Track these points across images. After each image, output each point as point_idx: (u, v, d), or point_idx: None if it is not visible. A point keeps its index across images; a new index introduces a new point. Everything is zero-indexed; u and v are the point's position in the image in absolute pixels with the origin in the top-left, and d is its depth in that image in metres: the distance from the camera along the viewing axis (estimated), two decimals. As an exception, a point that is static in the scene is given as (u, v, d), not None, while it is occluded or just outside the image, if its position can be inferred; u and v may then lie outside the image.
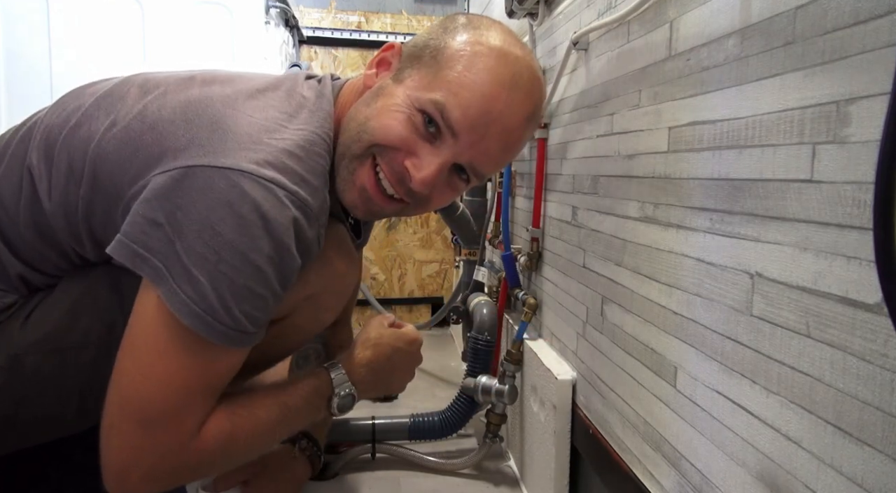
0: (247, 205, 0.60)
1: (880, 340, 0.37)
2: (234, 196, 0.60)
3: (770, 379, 0.47)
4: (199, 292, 0.60)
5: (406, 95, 0.68)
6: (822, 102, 0.42)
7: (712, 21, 0.56)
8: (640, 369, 0.69)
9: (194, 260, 0.59)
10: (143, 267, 0.60)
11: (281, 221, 0.62)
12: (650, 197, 0.67)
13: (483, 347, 1.18)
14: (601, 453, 0.79)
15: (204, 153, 0.62)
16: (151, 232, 0.60)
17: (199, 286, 0.60)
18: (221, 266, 0.60)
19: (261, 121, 0.65)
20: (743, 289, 0.50)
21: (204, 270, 0.59)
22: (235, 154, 0.61)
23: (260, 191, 0.60)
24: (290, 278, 0.66)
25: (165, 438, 0.63)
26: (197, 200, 0.60)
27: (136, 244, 0.60)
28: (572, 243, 0.93)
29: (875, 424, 0.37)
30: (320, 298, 0.81)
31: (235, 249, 0.60)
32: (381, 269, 2.19)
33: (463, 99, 0.66)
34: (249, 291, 0.62)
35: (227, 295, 0.60)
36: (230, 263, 0.60)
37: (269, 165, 0.62)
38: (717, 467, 0.54)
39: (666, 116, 0.64)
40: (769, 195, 0.47)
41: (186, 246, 0.59)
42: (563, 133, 0.99)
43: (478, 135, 0.67)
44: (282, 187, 0.62)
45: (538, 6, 1.06)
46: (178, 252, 0.59)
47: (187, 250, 0.59)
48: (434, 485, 1.13)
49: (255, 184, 0.60)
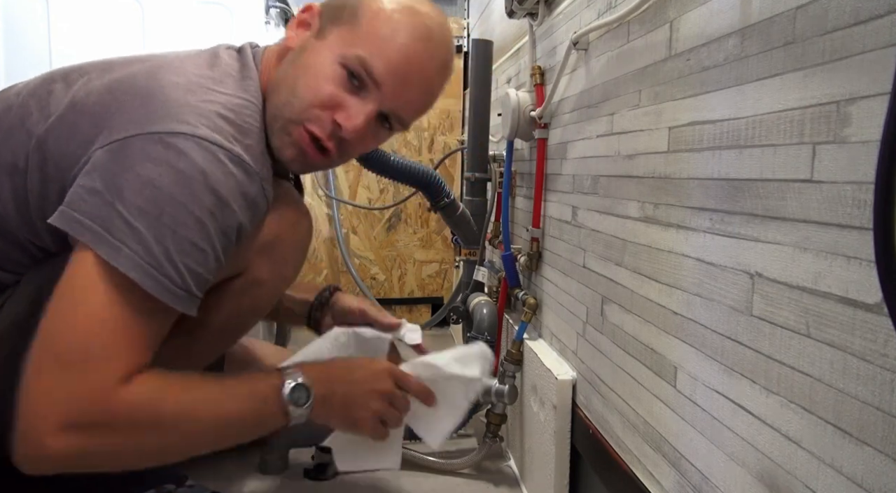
0: (184, 161, 0.62)
1: (880, 340, 0.37)
2: (171, 155, 0.62)
3: (770, 379, 0.47)
4: (144, 245, 0.60)
5: (329, 52, 0.73)
6: (822, 102, 0.42)
7: (712, 21, 0.56)
8: (640, 369, 0.69)
9: (135, 215, 0.60)
10: (82, 232, 0.61)
11: (220, 177, 0.64)
12: (650, 197, 0.67)
13: (483, 347, 1.18)
14: (601, 453, 0.79)
15: (137, 124, 0.64)
16: (90, 198, 0.61)
17: (143, 239, 0.60)
18: (164, 218, 0.61)
19: (187, 85, 0.67)
20: (743, 289, 0.50)
21: (146, 223, 0.60)
22: (167, 119, 0.63)
23: (196, 149, 0.63)
24: (231, 235, 0.67)
25: (85, 381, 0.59)
26: (135, 164, 0.61)
27: (76, 212, 0.61)
28: (572, 243, 0.93)
29: (875, 424, 0.37)
30: (276, 248, 0.80)
31: (176, 201, 0.61)
32: (381, 269, 2.19)
33: (383, 52, 0.72)
34: (192, 245, 0.63)
35: (172, 248, 0.61)
36: (172, 215, 0.61)
37: (203, 126, 0.64)
38: (717, 467, 0.54)
39: (666, 116, 0.64)
40: (769, 195, 0.47)
41: (126, 203, 0.60)
42: (563, 133, 0.99)
43: (400, 84, 0.73)
44: (217, 145, 0.64)
45: (538, 6, 1.06)
46: (119, 211, 0.60)
47: (127, 207, 0.60)
48: (434, 485, 1.13)
49: (191, 143, 0.63)
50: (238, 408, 0.70)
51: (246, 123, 0.69)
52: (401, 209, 2.16)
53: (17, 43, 1.45)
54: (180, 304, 0.63)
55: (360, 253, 2.17)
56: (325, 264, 2.16)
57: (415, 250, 2.20)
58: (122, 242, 0.60)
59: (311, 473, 1.15)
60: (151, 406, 0.63)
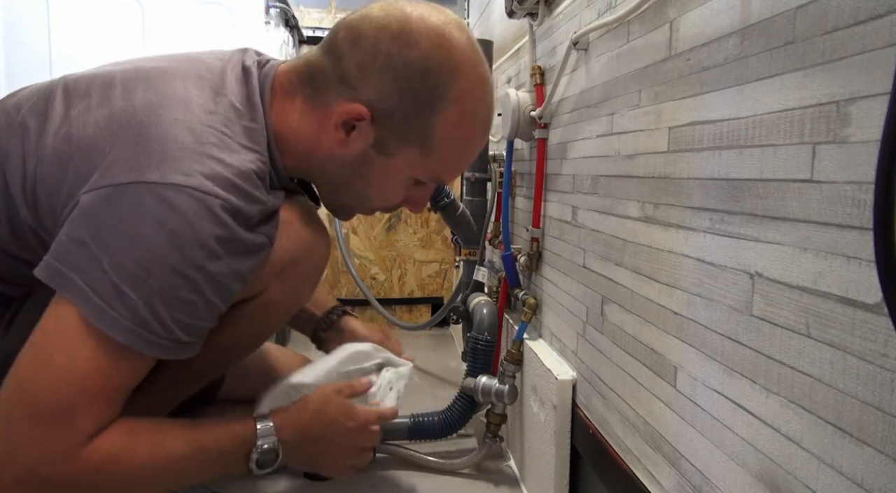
0: (175, 218, 0.60)
1: (880, 340, 0.37)
2: (164, 211, 0.60)
3: (770, 379, 0.47)
4: (130, 308, 0.59)
5: (400, 173, 0.75)
6: (822, 102, 0.42)
7: (712, 21, 0.56)
8: (640, 369, 0.69)
9: (123, 278, 0.59)
10: (66, 287, 0.59)
11: (211, 228, 0.62)
12: (650, 197, 0.67)
13: (483, 347, 1.18)
14: (601, 453, 0.79)
15: (129, 169, 0.61)
16: (76, 251, 0.59)
17: (130, 302, 0.59)
18: (152, 281, 0.60)
19: (188, 125, 0.65)
20: (743, 289, 0.50)
21: (134, 286, 0.59)
22: (161, 167, 0.61)
23: (189, 201, 0.60)
24: (226, 280, 0.65)
25: (53, 436, 0.58)
26: (125, 218, 0.60)
27: (61, 264, 0.60)
28: (572, 243, 0.93)
29: (875, 424, 0.37)
30: (293, 270, 0.79)
31: (166, 263, 0.60)
32: (381, 269, 2.19)
33: (458, 167, 0.79)
34: (181, 300, 0.62)
35: (159, 306, 0.60)
36: (160, 277, 0.60)
37: (198, 173, 0.62)
38: (717, 467, 0.54)
39: (666, 116, 0.64)
40: (769, 195, 0.47)
41: (114, 263, 0.59)
42: (563, 133, 0.99)
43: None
44: (212, 195, 0.62)
45: (538, 6, 1.06)
46: (106, 269, 0.59)
47: (115, 267, 0.59)
48: (434, 485, 1.13)
49: (184, 196, 0.60)
50: (202, 467, 0.69)
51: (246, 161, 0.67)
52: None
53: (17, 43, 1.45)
54: (167, 353, 0.63)
55: (360, 253, 2.17)
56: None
57: (415, 250, 2.20)
58: (108, 304, 0.59)
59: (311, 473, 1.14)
60: (115, 466, 0.62)
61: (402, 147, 0.72)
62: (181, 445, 0.67)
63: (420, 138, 0.71)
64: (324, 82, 0.71)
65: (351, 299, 2.17)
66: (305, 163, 0.75)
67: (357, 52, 0.69)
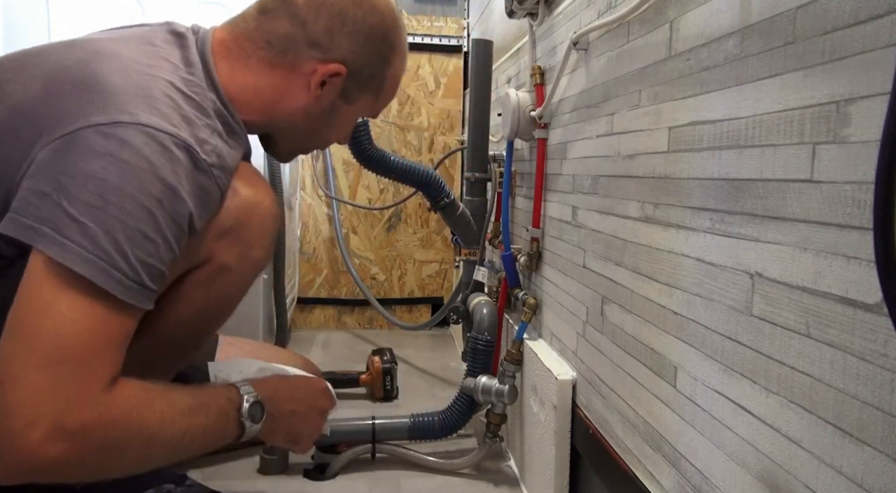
0: (127, 151, 0.61)
1: (880, 340, 0.37)
2: (114, 146, 0.61)
3: (770, 379, 0.47)
4: (91, 238, 0.59)
5: (356, 115, 0.89)
6: (822, 102, 0.42)
7: (712, 21, 0.56)
8: (640, 369, 0.69)
9: (80, 209, 0.59)
10: (34, 237, 0.59)
11: (166, 163, 0.63)
12: (650, 197, 0.67)
13: (483, 347, 1.18)
14: (601, 453, 0.79)
15: (76, 118, 0.62)
16: (39, 203, 0.60)
17: (90, 233, 0.59)
18: (110, 209, 0.60)
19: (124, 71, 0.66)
20: (743, 289, 0.50)
21: (92, 216, 0.59)
22: (107, 109, 0.62)
23: (140, 136, 0.62)
24: (182, 223, 0.66)
25: (73, 381, 0.58)
26: (78, 160, 0.60)
27: (25, 217, 0.60)
28: (572, 243, 0.93)
29: (875, 424, 0.37)
30: (238, 231, 0.79)
31: (122, 191, 0.60)
32: (381, 269, 2.19)
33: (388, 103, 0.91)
34: (142, 235, 0.61)
35: (121, 239, 0.60)
36: (119, 205, 0.60)
37: (145, 112, 0.63)
38: (717, 467, 0.54)
39: (666, 116, 0.64)
40: (769, 195, 0.47)
41: (72, 199, 0.59)
42: (563, 133, 0.99)
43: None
44: (162, 130, 0.63)
45: (538, 6, 1.06)
46: (65, 208, 0.59)
47: (73, 203, 0.59)
48: (434, 485, 1.13)
49: (133, 131, 0.61)
50: (205, 421, 0.70)
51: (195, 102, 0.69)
52: (401, 209, 2.16)
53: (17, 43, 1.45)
54: (134, 297, 0.62)
55: (360, 253, 2.17)
56: (325, 264, 2.16)
57: (415, 250, 2.20)
58: (68, 238, 0.58)
59: (311, 473, 1.15)
60: (139, 414, 0.62)
61: (361, 95, 0.84)
62: (189, 400, 0.68)
63: (376, 86, 0.85)
64: (289, 46, 0.77)
65: (351, 298, 2.17)
66: (265, 118, 0.80)
67: (324, 19, 0.77)
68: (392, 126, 2.15)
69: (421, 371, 1.76)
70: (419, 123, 2.17)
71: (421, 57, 2.14)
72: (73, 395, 0.58)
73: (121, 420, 0.61)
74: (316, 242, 2.14)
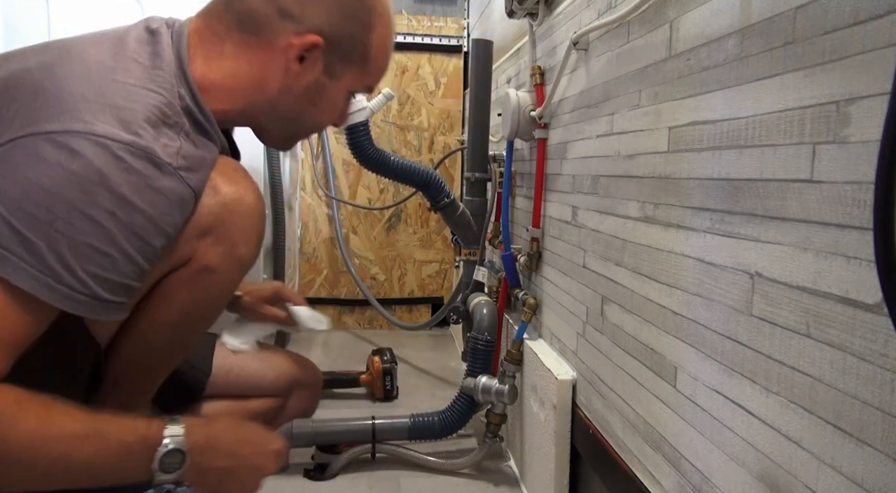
0: (77, 162, 0.57)
1: (880, 340, 0.37)
2: (63, 156, 0.57)
3: (770, 379, 0.47)
4: (34, 253, 0.56)
5: (344, 90, 0.80)
6: (822, 102, 0.42)
7: (712, 21, 0.56)
8: (640, 369, 0.69)
9: (24, 221, 0.56)
10: None
11: (118, 174, 0.59)
12: (650, 197, 0.67)
13: (483, 347, 1.18)
14: (601, 453, 0.79)
15: (27, 123, 0.59)
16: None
17: (33, 247, 0.56)
18: (57, 224, 0.56)
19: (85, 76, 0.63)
20: (743, 289, 0.50)
21: (36, 230, 0.56)
22: (61, 117, 0.59)
23: (92, 147, 0.58)
24: (145, 236, 0.62)
25: None
26: (20, 166, 0.57)
27: None
28: (572, 243, 0.93)
29: (875, 424, 0.37)
30: (219, 230, 0.75)
31: (69, 205, 0.57)
32: (381, 269, 2.19)
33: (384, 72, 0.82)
34: (92, 249, 0.58)
35: (68, 255, 0.57)
36: (65, 220, 0.57)
37: (101, 121, 0.60)
38: (717, 467, 0.54)
39: (666, 116, 0.64)
40: (769, 195, 0.47)
41: (12, 209, 0.56)
42: (563, 133, 0.99)
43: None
44: (117, 140, 0.60)
45: (538, 6, 1.06)
46: (5, 218, 0.55)
47: (14, 212, 0.56)
48: (434, 485, 1.13)
49: (85, 141, 0.58)
50: (97, 456, 0.62)
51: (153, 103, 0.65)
52: (401, 209, 2.17)
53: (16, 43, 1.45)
54: (88, 310, 0.59)
55: (360, 253, 2.17)
56: (325, 264, 2.16)
57: (415, 250, 2.20)
58: (9, 250, 0.55)
59: (311, 473, 1.15)
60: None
61: (346, 67, 0.78)
62: (76, 425, 0.61)
63: (361, 56, 0.77)
64: (260, 21, 0.72)
65: (351, 298, 2.17)
66: (248, 103, 0.76)
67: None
68: (392, 126, 2.15)
69: (421, 371, 1.76)
70: (419, 123, 2.17)
71: (421, 57, 2.14)
72: None
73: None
74: (316, 242, 2.14)
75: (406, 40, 2.12)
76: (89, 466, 0.61)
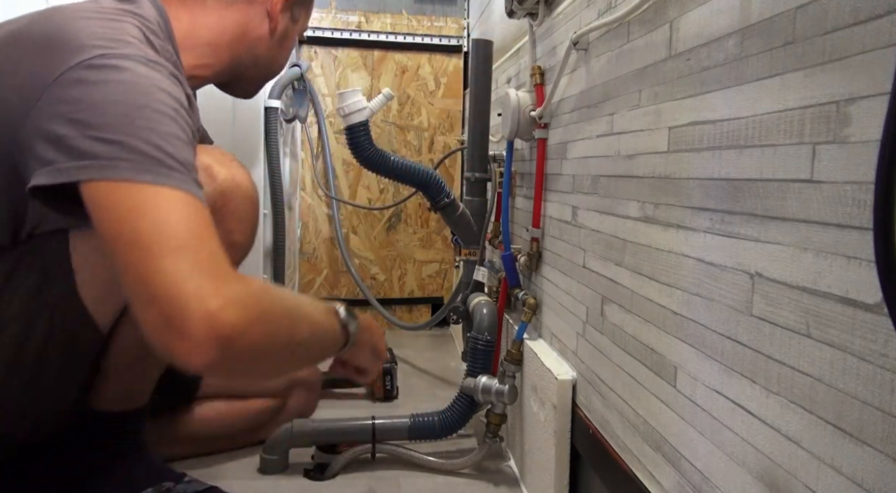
0: (123, 72, 0.62)
1: (880, 340, 0.37)
2: (108, 73, 0.61)
3: (770, 379, 0.47)
4: (133, 150, 0.59)
5: (299, 33, 0.94)
6: (822, 102, 0.42)
7: (712, 21, 0.56)
8: (640, 369, 0.69)
9: (110, 131, 0.59)
10: (82, 173, 0.58)
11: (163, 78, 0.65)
12: (650, 197, 0.67)
13: (483, 347, 1.18)
14: (601, 453, 0.79)
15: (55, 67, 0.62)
16: (65, 146, 0.59)
17: (129, 145, 0.59)
18: (138, 122, 0.60)
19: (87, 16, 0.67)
20: (743, 289, 0.50)
21: (124, 134, 0.59)
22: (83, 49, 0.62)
23: (128, 61, 0.63)
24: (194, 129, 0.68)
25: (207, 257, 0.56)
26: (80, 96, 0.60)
27: (58, 163, 0.59)
28: (572, 243, 0.93)
29: (875, 424, 0.37)
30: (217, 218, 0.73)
31: (138, 104, 0.61)
32: (381, 269, 2.19)
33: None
34: (174, 136, 0.62)
35: (161, 143, 0.60)
36: (142, 116, 0.61)
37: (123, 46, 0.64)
38: (717, 467, 0.54)
39: (666, 116, 0.64)
40: (769, 195, 0.47)
41: (96, 128, 0.59)
42: (563, 133, 0.99)
43: None
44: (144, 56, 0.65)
45: (538, 6, 1.06)
46: (96, 138, 0.59)
47: (99, 130, 0.59)
48: (434, 485, 1.13)
49: (120, 58, 0.63)
50: (322, 317, 0.69)
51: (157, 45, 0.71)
52: (401, 209, 2.17)
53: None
54: (196, 189, 0.61)
55: (360, 253, 2.17)
56: (325, 264, 2.16)
57: (415, 250, 2.20)
58: (117, 158, 0.58)
59: (311, 473, 1.15)
60: (269, 299, 0.60)
61: (302, 12, 0.92)
62: (298, 300, 0.67)
63: (309, 3, 0.93)
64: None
65: (351, 298, 2.17)
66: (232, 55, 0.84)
67: None
68: (392, 126, 2.15)
69: (421, 371, 1.76)
70: (419, 123, 2.17)
71: (421, 57, 2.14)
72: (215, 270, 0.56)
73: (263, 291, 0.60)
74: (316, 242, 2.14)
75: (406, 40, 2.12)
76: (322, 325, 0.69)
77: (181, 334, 0.52)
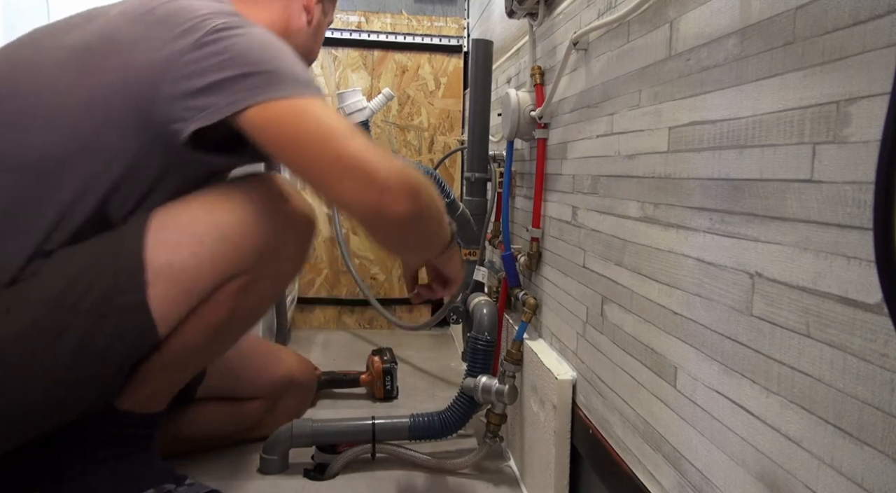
0: (254, 28, 0.77)
1: (880, 340, 0.37)
2: (242, 29, 0.75)
3: (770, 379, 0.47)
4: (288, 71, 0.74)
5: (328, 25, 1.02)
6: (822, 102, 0.42)
7: (712, 21, 0.56)
8: (640, 369, 0.69)
9: (263, 64, 0.73)
10: (252, 97, 0.71)
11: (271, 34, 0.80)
12: (650, 197, 0.67)
13: (483, 347, 1.18)
14: (601, 453, 0.79)
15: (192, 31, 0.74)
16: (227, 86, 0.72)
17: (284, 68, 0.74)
18: (281, 55, 0.76)
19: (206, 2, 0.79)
20: (743, 289, 0.50)
21: (275, 63, 0.74)
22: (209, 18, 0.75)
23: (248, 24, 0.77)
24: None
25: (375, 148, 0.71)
26: (227, 46, 0.73)
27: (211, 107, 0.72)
28: (572, 243, 0.93)
29: (875, 424, 0.37)
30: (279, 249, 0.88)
31: (274, 45, 0.76)
32: (381, 269, 2.19)
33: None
34: (300, 64, 0.77)
35: (295, 68, 0.76)
36: (283, 51, 0.77)
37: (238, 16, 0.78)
38: (717, 467, 0.54)
39: (666, 116, 0.64)
40: (769, 195, 0.47)
41: (251, 64, 0.73)
42: (563, 133, 0.99)
43: None
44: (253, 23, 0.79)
45: (538, 6, 1.06)
46: (255, 72, 0.72)
47: (255, 64, 0.73)
48: (434, 485, 1.13)
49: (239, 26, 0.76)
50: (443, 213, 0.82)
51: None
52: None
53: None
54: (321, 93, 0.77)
55: (360, 253, 2.17)
56: (325, 264, 2.16)
57: (415, 250, 2.20)
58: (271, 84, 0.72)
59: (311, 473, 1.15)
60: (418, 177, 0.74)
61: (330, 6, 1.01)
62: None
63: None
64: None
65: (351, 298, 2.17)
66: None
67: None
68: (392, 126, 2.15)
69: (421, 371, 1.76)
70: (419, 123, 2.17)
71: (421, 57, 2.14)
72: (385, 159, 0.70)
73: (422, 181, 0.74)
74: (316, 242, 2.14)
75: (406, 40, 2.11)
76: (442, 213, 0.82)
77: (382, 188, 0.69)
